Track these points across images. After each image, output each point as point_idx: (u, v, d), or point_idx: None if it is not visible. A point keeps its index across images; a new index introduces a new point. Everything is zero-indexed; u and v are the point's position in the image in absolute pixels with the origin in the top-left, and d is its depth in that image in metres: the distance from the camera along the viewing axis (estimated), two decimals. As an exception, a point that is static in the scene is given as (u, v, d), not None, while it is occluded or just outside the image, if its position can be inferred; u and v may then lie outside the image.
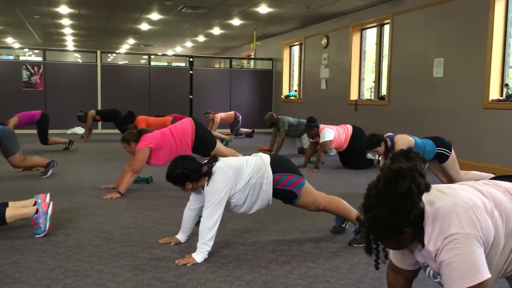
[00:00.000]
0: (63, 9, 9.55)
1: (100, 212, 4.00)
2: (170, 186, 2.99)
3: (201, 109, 11.56)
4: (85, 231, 3.44)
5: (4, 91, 11.07)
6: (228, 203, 2.92)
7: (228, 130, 10.90)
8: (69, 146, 8.00)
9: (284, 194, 3.07)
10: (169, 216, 3.88)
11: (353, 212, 3.17)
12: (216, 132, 9.28)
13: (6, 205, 3.29)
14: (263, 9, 9.01)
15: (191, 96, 12.44)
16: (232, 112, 11.00)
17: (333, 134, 6.38)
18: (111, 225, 3.59)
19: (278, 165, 3.05)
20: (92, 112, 9.58)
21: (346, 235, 3.35)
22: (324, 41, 10.32)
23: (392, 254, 1.83)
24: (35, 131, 7.96)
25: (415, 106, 7.60)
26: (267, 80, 13.18)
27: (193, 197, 3.08)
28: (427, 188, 1.58)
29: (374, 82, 9.20)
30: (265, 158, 3.07)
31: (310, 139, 6.72)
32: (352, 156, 6.58)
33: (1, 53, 11.99)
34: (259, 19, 10.15)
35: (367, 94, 9.57)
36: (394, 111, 8.12)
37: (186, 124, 5.00)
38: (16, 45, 15.61)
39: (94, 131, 10.62)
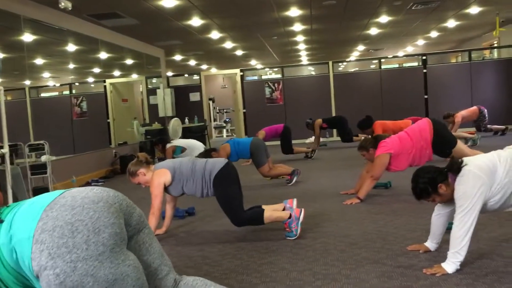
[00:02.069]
0: (297, 27, 10.25)
1: (341, 217, 4.09)
2: (410, 190, 2.84)
3: (438, 109, 10.87)
4: (329, 235, 3.56)
5: (252, 108, 12.48)
6: (483, 208, 2.60)
7: (471, 129, 9.92)
8: (311, 155, 8.47)
9: None
10: (411, 222, 3.72)
11: None
12: (458, 132, 8.57)
13: (261, 207, 3.63)
14: (506, -11, 8.00)
15: (426, 96, 11.83)
16: (475, 107, 9.88)
17: None
18: (353, 230, 3.63)
19: None
20: (319, 120, 9.90)
21: None
22: None
23: None
24: (279, 142, 8.68)
25: None
26: (516, 69, 11.61)
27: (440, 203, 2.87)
28: None
29: None
30: None
31: None
32: None
33: (247, 74, 13.54)
34: (502, 2, 9.03)
35: None
36: None
37: (423, 122, 4.79)
38: (259, 66, 17.47)
39: (330, 139, 11.06)
